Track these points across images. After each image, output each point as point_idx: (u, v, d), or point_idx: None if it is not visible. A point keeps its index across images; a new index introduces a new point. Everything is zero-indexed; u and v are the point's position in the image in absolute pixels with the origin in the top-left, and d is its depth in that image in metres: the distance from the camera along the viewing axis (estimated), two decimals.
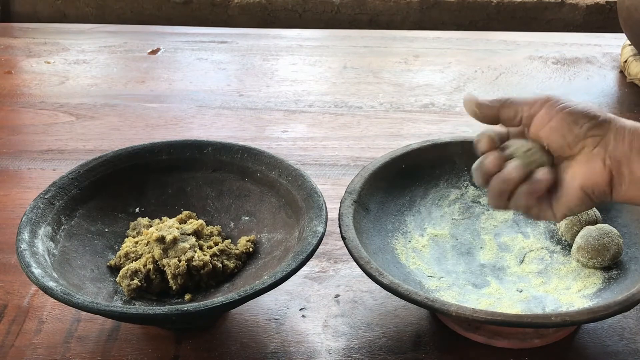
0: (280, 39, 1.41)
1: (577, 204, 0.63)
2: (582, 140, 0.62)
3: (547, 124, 0.62)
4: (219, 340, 0.75)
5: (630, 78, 1.24)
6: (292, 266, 0.70)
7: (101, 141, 1.07)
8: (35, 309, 0.78)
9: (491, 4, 1.59)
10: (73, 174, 0.82)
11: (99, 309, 0.67)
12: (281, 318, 0.78)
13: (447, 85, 1.24)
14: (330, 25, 1.61)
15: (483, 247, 0.82)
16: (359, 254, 0.73)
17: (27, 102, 1.18)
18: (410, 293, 0.68)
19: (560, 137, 0.62)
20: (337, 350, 0.74)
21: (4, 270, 0.83)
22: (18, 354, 0.73)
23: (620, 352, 0.74)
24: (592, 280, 0.76)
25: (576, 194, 0.63)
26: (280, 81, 1.25)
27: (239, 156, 0.85)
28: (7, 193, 0.97)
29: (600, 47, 1.37)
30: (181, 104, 1.18)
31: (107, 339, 0.75)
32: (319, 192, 0.79)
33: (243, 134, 1.10)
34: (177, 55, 1.34)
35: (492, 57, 1.34)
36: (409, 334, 0.76)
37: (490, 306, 0.74)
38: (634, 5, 1.17)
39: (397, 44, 1.40)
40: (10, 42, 1.38)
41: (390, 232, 0.81)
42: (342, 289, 0.81)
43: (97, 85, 1.23)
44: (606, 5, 1.58)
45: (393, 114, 1.15)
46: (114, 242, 0.81)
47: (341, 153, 1.05)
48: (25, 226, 0.75)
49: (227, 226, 0.84)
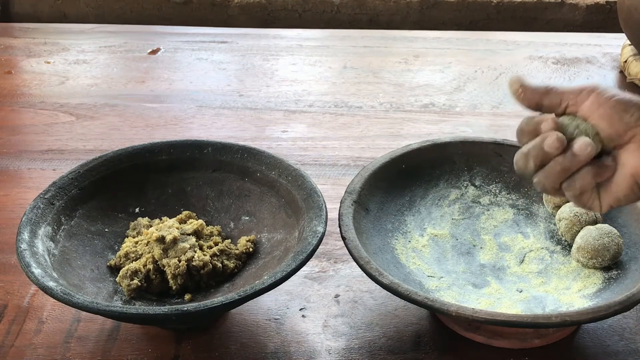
0: (280, 39, 1.41)
1: (627, 194, 0.63)
2: (633, 129, 0.61)
3: (596, 111, 0.62)
4: (219, 340, 0.75)
5: (630, 78, 1.24)
6: (292, 266, 0.70)
7: (101, 141, 1.07)
8: (35, 309, 0.78)
9: (491, 4, 1.59)
10: (73, 174, 0.82)
11: (99, 309, 0.67)
12: (281, 318, 0.78)
13: (447, 85, 1.24)
14: (330, 25, 1.61)
15: (483, 247, 0.82)
16: (359, 254, 0.73)
17: (27, 102, 1.18)
18: (410, 293, 0.68)
19: (609, 125, 0.62)
20: (337, 350, 0.74)
21: (4, 270, 0.83)
22: (18, 354, 0.73)
23: (620, 352, 0.74)
24: (592, 280, 0.76)
25: (626, 183, 0.62)
26: (280, 81, 1.25)
27: (239, 156, 0.85)
28: (7, 193, 0.97)
29: (600, 47, 1.37)
30: (181, 104, 1.18)
31: (107, 339, 0.75)
32: (319, 192, 0.79)
33: (243, 134, 1.10)
34: (177, 55, 1.34)
35: (492, 57, 1.34)
36: (409, 334, 0.76)
37: (490, 306, 0.74)
38: (634, 5, 1.17)
39: (397, 44, 1.40)
40: (10, 42, 1.38)
41: (390, 232, 0.81)
42: (342, 289, 0.81)
43: (97, 85, 1.23)
44: (606, 5, 1.58)
45: (393, 114, 1.15)
46: (114, 242, 0.81)
47: (341, 153, 1.05)
48: (25, 226, 0.75)
49: (227, 226, 0.84)
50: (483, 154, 0.88)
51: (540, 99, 0.64)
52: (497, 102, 1.19)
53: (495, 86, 1.24)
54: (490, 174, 0.88)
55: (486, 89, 1.23)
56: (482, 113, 1.16)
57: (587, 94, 0.63)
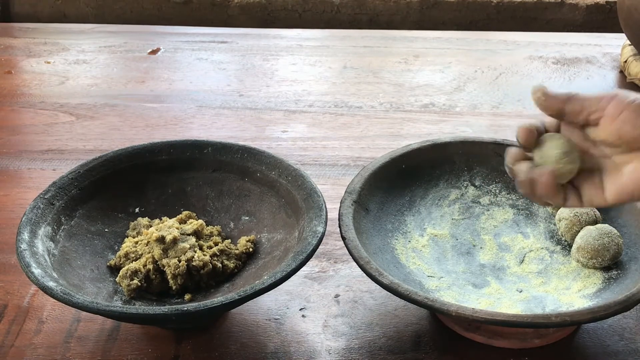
0: (280, 39, 1.41)
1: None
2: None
3: (618, 116, 0.63)
4: (219, 340, 0.75)
5: (630, 78, 1.24)
6: (292, 266, 0.70)
7: (101, 141, 1.07)
8: (35, 309, 0.78)
9: (491, 4, 1.59)
10: (73, 174, 0.82)
11: (99, 309, 0.67)
12: (281, 318, 0.78)
13: (447, 85, 1.24)
14: (330, 25, 1.61)
15: (483, 247, 0.82)
16: (359, 254, 0.73)
17: (27, 102, 1.18)
18: (410, 293, 0.68)
19: (632, 129, 0.63)
20: (337, 350, 0.74)
21: (4, 270, 0.83)
22: (18, 354, 0.73)
23: (620, 352, 0.74)
24: (592, 280, 0.76)
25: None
26: (280, 81, 1.25)
27: (239, 156, 0.85)
28: (7, 193, 0.97)
29: (600, 47, 1.37)
30: (181, 104, 1.18)
31: (107, 339, 0.75)
32: (319, 192, 0.79)
33: (243, 134, 1.10)
34: (177, 55, 1.34)
35: (492, 57, 1.34)
36: (409, 334, 0.76)
37: (490, 306, 0.74)
38: (634, 5, 1.17)
39: (397, 44, 1.40)
40: (10, 42, 1.38)
41: (390, 232, 0.81)
42: (342, 289, 0.81)
43: (97, 85, 1.23)
44: (606, 5, 1.58)
45: (393, 114, 1.15)
46: (114, 242, 0.81)
47: (341, 153, 1.05)
48: (25, 226, 0.75)
49: (227, 226, 0.84)
50: (483, 154, 0.88)
51: (562, 107, 0.65)
52: (497, 102, 1.19)
53: (495, 86, 1.24)
54: (490, 174, 0.88)
55: (486, 89, 1.23)
56: (482, 113, 1.16)
57: (609, 100, 0.64)
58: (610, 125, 0.64)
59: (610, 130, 0.64)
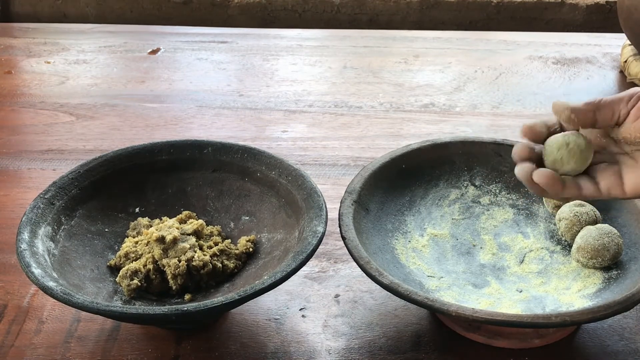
0: (280, 39, 1.41)
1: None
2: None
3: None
4: (219, 340, 0.75)
5: (630, 78, 1.24)
6: (292, 266, 0.70)
7: (101, 141, 1.07)
8: (35, 309, 0.78)
9: (491, 4, 1.59)
10: (73, 174, 0.82)
11: (99, 309, 0.67)
12: (281, 318, 0.78)
13: (447, 85, 1.24)
14: (330, 25, 1.61)
15: (483, 247, 0.82)
16: (359, 254, 0.73)
17: (27, 102, 1.18)
18: (410, 293, 0.68)
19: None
20: (337, 350, 0.74)
21: (4, 270, 0.83)
22: (18, 354, 0.73)
23: (620, 352, 0.74)
24: (592, 280, 0.76)
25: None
26: (280, 81, 1.25)
27: (239, 156, 0.85)
28: (7, 193, 0.97)
29: (600, 47, 1.37)
30: (181, 104, 1.18)
31: (107, 339, 0.75)
32: (319, 192, 0.79)
33: (243, 134, 1.10)
34: (177, 55, 1.34)
35: (492, 57, 1.34)
36: (409, 334, 0.76)
37: (490, 306, 0.74)
38: (634, 5, 1.17)
39: (397, 44, 1.40)
40: (10, 42, 1.38)
41: (390, 232, 0.81)
42: (342, 289, 0.81)
43: (97, 85, 1.23)
44: (606, 5, 1.58)
45: (393, 114, 1.15)
46: (114, 242, 0.81)
47: (341, 153, 1.05)
48: (25, 226, 0.75)
49: (227, 226, 0.84)
50: (483, 154, 0.88)
51: (594, 116, 0.65)
52: (497, 102, 1.19)
53: (495, 86, 1.24)
54: (490, 174, 0.88)
55: (486, 89, 1.23)
56: (482, 113, 1.16)
57: (636, 99, 0.64)
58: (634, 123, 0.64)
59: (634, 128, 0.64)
